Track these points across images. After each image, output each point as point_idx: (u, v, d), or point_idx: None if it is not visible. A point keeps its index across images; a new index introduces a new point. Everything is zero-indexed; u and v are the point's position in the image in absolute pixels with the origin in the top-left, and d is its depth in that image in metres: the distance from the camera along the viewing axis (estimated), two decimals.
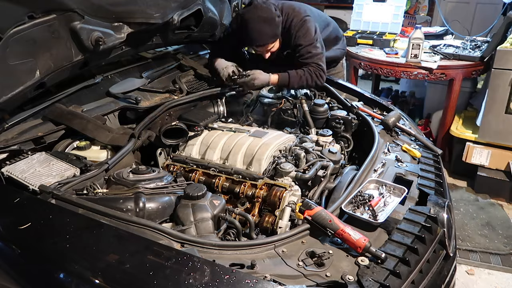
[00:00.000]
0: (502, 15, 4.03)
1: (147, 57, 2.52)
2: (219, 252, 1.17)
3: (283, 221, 1.57)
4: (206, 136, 2.03)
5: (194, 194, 1.46)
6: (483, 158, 3.28)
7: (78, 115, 1.84)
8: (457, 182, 3.54)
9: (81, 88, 2.03)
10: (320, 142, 2.02)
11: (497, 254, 2.68)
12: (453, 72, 3.37)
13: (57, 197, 1.34)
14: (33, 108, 1.81)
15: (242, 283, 1.00)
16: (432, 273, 1.25)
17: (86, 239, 1.16)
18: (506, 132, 3.10)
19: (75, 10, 1.67)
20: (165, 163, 1.98)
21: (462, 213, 3.09)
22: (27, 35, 1.54)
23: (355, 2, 4.08)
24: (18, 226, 1.20)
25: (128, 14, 1.92)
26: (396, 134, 1.99)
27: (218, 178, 1.79)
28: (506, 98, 3.02)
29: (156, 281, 1.00)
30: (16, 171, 1.47)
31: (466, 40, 3.89)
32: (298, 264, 1.15)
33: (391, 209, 1.36)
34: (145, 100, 2.15)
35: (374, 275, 1.10)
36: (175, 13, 2.14)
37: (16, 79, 1.57)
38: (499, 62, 2.98)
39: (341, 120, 2.17)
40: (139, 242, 1.14)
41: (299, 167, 1.77)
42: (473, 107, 3.69)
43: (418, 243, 1.22)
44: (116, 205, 1.39)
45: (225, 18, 2.63)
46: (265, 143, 1.87)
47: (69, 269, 1.09)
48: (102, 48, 1.83)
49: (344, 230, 1.20)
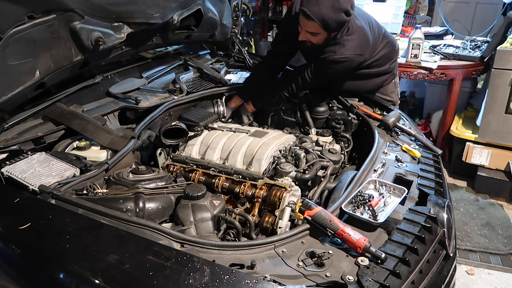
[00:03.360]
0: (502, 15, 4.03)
1: (147, 57, 2.52)
2: (219, 252, 1.17)
3: (283, 221, 1.57)
4: (206, 136, 2.03)
5: (194, 194, 1.46)
6: (483, 158, 3.28)
7: (78, 115, 1.84)
8: (457, 182, 3.54)
9: (81, 88, 2.02)
10: (320, 142, 2.02)
11: (497, 254, 2.68)
12: (453, 72, 3.37)
13: (57, 197, 1.34)
14: (33, 108, 1.81)
15: (242, 283, 1.00)
16: (432, 273, 1.25)
17: (86, 239, 1.16)
18: (506, 132, 3.10)
19: (75, 10, 1.67)
20: (165, 163, 1.98)
21: (462, 213, 3.09)
22: (27, 35, 1.53)
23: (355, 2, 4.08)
24: (18, 226, 1.20)
25: (128, 14, 1.92)
26: (396, 134, 1.99)
27: (218, 178, 1.79)
28: (506, 98, 3.02)
29: (156, 281, 1.00)
30: (16, 171, 1.47)
31: (466, 40, 3.89)
32: (298, 264, 1.15)
33: (391, 209, 1.36)
34: (145, 100, 2.15)
35: (374, 275, 1.10)
36: (175, 13, 2.14)
37: (16, 79, 1.57)
38: (499, 62, 2.98)
39: (341, 120, 2.17)
40: (139, 242, 1.14)
41: (299, 167, 1.77)
42: (473, 107, 3.69)
43: (418, 243, 1.22)
44: (116, 205, 1.39)
45: (225, 18, 2.63)
46: (265, 143, 1.87)
47: (69, 269, 1.09)
48: (102, 48, 1.83)
49: (344, 230, 1.20)
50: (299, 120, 2.32)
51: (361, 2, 4.02)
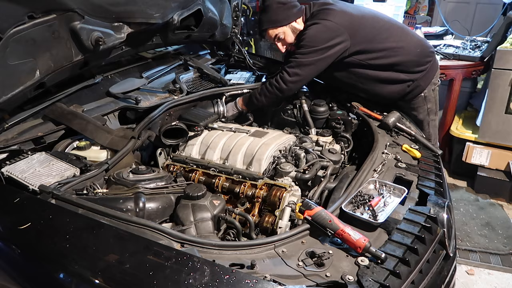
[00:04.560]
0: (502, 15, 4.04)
1: (147, 57, 2.52)
2: (219, 252, 1.17)
3: (283, 221, 1.57)
4: (206, 136, 2.03)
5: (194, 194, 1.46)
6: (483, 158, 3.28)
7: (78, 115, 1.84)
8: (457, 182, 3.54)
9: (81, 88, 2.03)
10: (320, 142, 2.02)
11: (497, 254, 2.68)
12: (453, 72, 3.37)
13: (57, 197, 1.34)
14: (33, 108, 1.81)
15: (242, 283, 1.00)
16: (432, 273, 1.25)
17: (86, 239, 1.15)
18: (506, 132, 3.10)
19: (75, 10, 1.67)
20: (165, 163, 1.97)
21: (462, 213, 3.09)
22: (27, 35, 1.53)
23: (355, 2, 4.09)
24: (18, 226, 1.20)
25: (128, 14, 1.92)
26: (396, 134, 1.99)
27: (218, 178, 1.79)
28: (506, 98, 3.02)
29: (156, 281, 1.00)
30: (16, 171, 1.47)
31: (466, 40, 3.89)
32: (298, 264, 1.15)
33: (391, 209, 1.36)
34: (145, 100, 2.15)
35: (374, 275, 1.10)
36: (175, 13, 2.14)
37: (16, 79, 1.57)
38: (499, 62, 2.98)
39: (341, 120, 2.17)
40: (139, 242, 1.14)
41: (299, 167, 1.77)
42: (473, 107, 3.70)
43: (418, 243, 1.22)
44: (116, 205, 1.39)
45: (225, 18, 2.63)
46: (265, 143, 1.87)
47: (69, 269, 1.09)
48: (102, 48, 1.83)
49: (344, 230, 1.20)
50: (299, 120, 2.32)
51: (361, 2, 4.02)
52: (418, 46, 2.22)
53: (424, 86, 2.25)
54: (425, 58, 2.23)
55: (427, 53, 2.25)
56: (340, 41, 2.10)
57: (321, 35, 2.10)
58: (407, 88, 2.23)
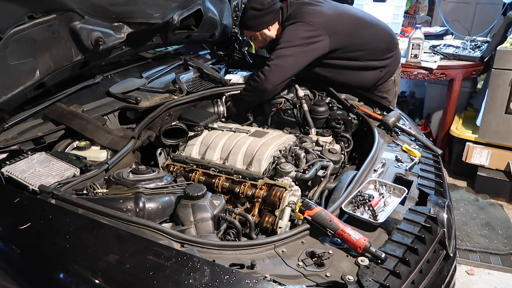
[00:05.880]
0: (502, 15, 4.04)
1: (147, 57, 2.52)
2: (219, 252, 1.17)
3: (283, 221, 1.57)
4: (206, 136, 2.03)
5: (194, 194, 1.46)
6: (483, 158, 3.28)
7: (78, 115, 1.84)
8: (457, 182, 3.54)
9: (81, 88, 2.02)
10: (320, 142, 2.02)
11: (497, 254, 2.68)
12: (453, 72, 3.37)
13: (57, 197, 1.34)
14: (33, 108, 1.81)
15: (242, 283, 1.00)
16: (432, 273, 1.25)
17: (86, 239, 1.15)
18: (506, 132, 3.10)
19: (75, 10, 1.67)
20: (165, 163, 1.98)
21: (462, 213, 3.09)
22: (27, 35, 1.53)
23: (355, 2, 4.08)
24: (18, 226, 1.20)
25: (128, 14, 1.92)
26: (396, 134, 1.99)
27: (218, 178, 1.79)
28: (506, 98, 3.02)
29: (156, 281, 1.00)
30: (16, 171, 1.47)
31: (466, 40, 3.89)
32: (298, 264, 1.15)
33: (391, 209, 1.36)
34: (145, 100, 2.15)
35: (374, 275, 1.10)
36: (175, 13, 2.14)
37: (16, 79, 1.57)
38: (499, 62, 2.98)
39: (341, 120, 2.17)
40: (139, 242, 1.14)
41: (299, 167, 1.77)
42: (473, 107, 3.70)
43: (418, 243, 1.22)
44: (116, 205, 1.39)
45: (225, 18, 2.63)
46: (265, 143, 1.87)
47: (69, 269, 1.09)
48: (102, 48, 1.82)
49: (344, 230, 1.20)
50: (299, 120, 2.32)
51: (361, 2, 4.02)
52: (387, 35, 2.44)
53: (393, 71, 2.48)
54: (393, 45, 2.45)
55: (394, 40, 2.47)
56: (319, 39, 2.21)
57: (299, 33, 2.21)
58: (380, 74, 2.42)
